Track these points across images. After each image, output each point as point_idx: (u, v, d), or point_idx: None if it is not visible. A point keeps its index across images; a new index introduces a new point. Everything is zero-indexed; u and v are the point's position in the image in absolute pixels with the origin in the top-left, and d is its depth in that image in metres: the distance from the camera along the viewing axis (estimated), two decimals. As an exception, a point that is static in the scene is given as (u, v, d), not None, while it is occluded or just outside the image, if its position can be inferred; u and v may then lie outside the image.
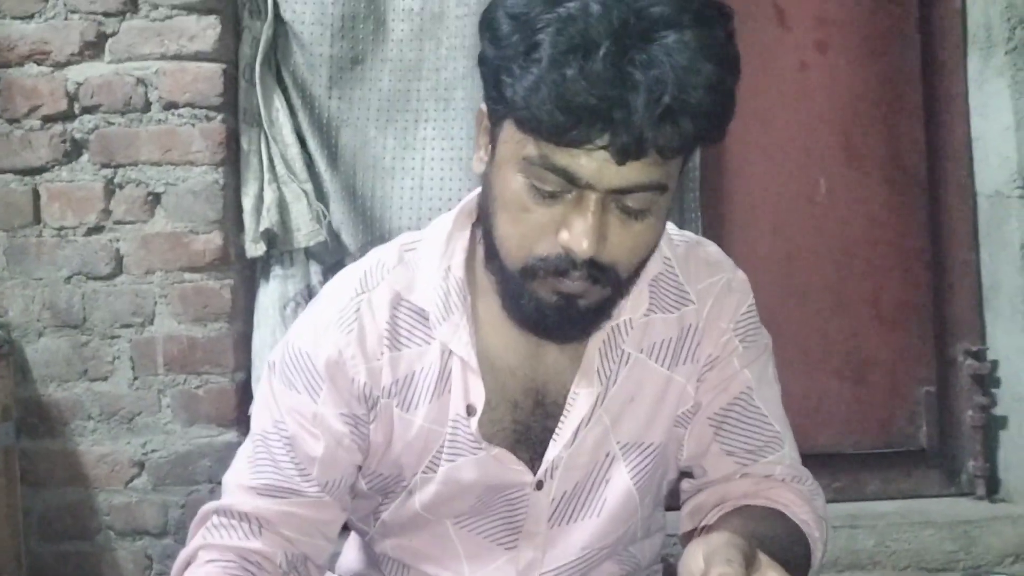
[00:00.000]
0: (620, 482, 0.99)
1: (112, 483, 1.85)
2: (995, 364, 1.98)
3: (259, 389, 0.99)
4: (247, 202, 1.83)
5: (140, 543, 1.86)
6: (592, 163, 0.78)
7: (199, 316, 1.83)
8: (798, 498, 0.96)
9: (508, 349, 0.95)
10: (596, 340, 0.95)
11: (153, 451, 1.85)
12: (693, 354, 0.99)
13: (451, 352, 0.94)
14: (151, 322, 1.83)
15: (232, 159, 1.85)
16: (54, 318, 1.83)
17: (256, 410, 0.98)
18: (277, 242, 1.82)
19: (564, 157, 0.78)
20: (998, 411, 1.98)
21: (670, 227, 1.01)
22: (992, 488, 1.97)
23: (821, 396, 2.01)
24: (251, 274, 1.90)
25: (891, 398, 2.01)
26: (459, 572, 1.01)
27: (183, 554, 0.93)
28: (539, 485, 0.97)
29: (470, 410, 0.94)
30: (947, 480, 2.02)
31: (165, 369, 1.84)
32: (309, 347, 0.95)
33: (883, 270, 2.02)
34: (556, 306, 0.85)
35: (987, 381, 1.98)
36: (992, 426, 1.98)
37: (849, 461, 2.01)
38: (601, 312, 0.89)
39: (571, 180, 0.79)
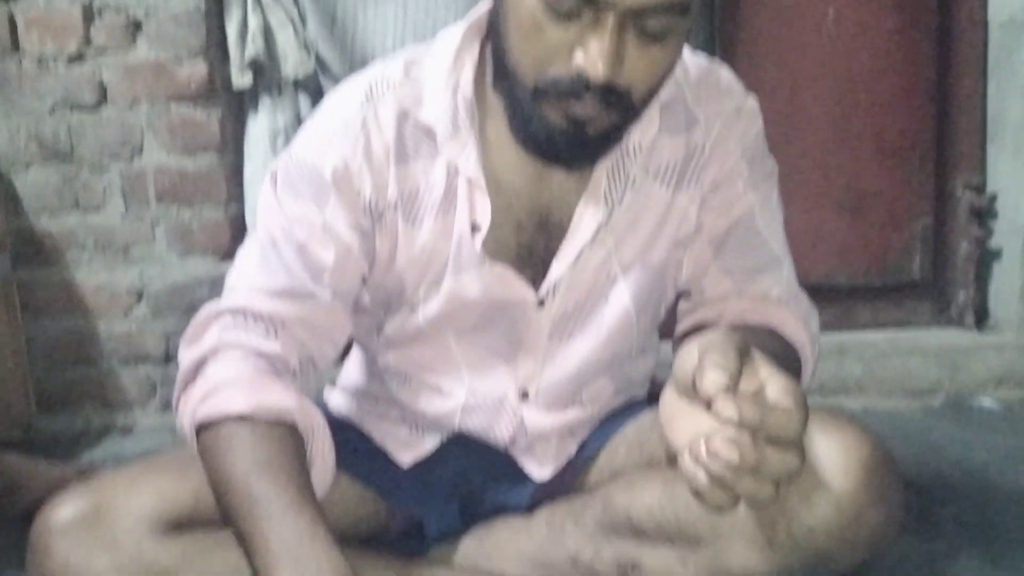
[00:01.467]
0: (619, 302, 1.00)
1: (111, 312, 1.88)
2: (994, 197, 1.96)
3: (262, 198, 0.97)
4: (231, 29, 1.76)
5: (143, 369, 1.90)
6: None
7: (188, 147, 1.79)
8: (792, 317, 0.97)
9: (514, 170, 0.94)
10: (604, 163, 0.94)
11: (150, 281, 1.86)
12: (698, 177, 0.98)
13: (457, 170, 0.93)
14: (140, 153, 1.80)
15: (214, -17, 1.77)
16: (41, 149, 1.80)
17: (261, 217, 0.96)
18: (264, 72, 1.77)
19: None
20: (993, 244, 1.97)
21: (684, 51, 0.97)
22: (981, 318, 1.99)
23: (818, 228, 2.00)
24: (240, 106, 1.85)
25: (888, 231, 2.01)
26: (459, 382, 1.04)
27: (194, 352, 0.92)
28: (541, 303, 0.98)
29: (475, 227, 0.93)
30: (938, 311, 2.04)
31: (157, 201, 1.82)
32: (315, 157, 0.93)
33: (887, 102, 1.96)
34: (565, 131, 0.83)
35: (985, 214, 1.97)
36: (986, 258, 1.98)
37: (842, 292, 2.02)
38: (610, 139, 0.87)
39: None
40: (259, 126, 1.80)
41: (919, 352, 1.90)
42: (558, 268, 0.96)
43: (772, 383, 0.65)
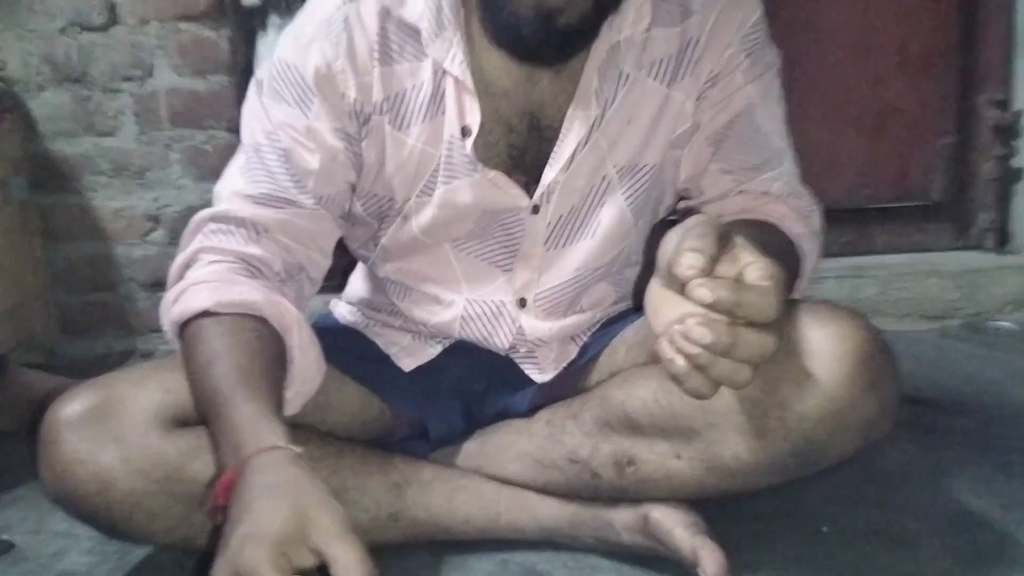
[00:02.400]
0: (615, 205, 0.99)
1: (129, 237, 1.89)
2: (1019, 114, 1.91)
3: (246, 105, 0.96)
4: (238, -55, 1.75)
5: (161, 294, 1.91)
6: None
7: (199, 68, 1.79)
8: (793, 212, 0.97)
9: (502, 71, 0.93)
10: (594, 61, 0.92)
11: (166, 206, 1.87)
12: (693, 69, 0.96)
13: (444, 71, 0.91)
14: (151, 75, 1.80)
15: None
16: (54, 72, 1.80)
17: (245, 124, 0.96)
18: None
19: None
20: (1016, 163, 1.93)
21: None
22: (1002, 241, 1.95)
23: (836, 148, 1.96)
24: (250, 25, 1.84)
25: (908, 150, 1.97)
26: (458, 292, 1.04)
27: (180, 258, 0.94)
28: (535, 209, 0.97)
29: (465, 131, 0.92)
30: (957, 234, 2.00)
31: (170, 124, 1.82)
32: (296, 59, 0.92)
33: (911, 14, 1.91)
34: (534, 21, 0.82)
35: (1009, 132, 1.92)
36: (1008, 178, 1.94)
37: (860, 215, 1.99)
38: (582, 33, 0.86)
39: None
40: (269, 46, 1.79)
41: (937, 274, 1.87)
42: (551, 172, 0.95)
43: (751, 267, 0.64)
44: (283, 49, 0.94)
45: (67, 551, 1.08)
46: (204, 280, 0.89)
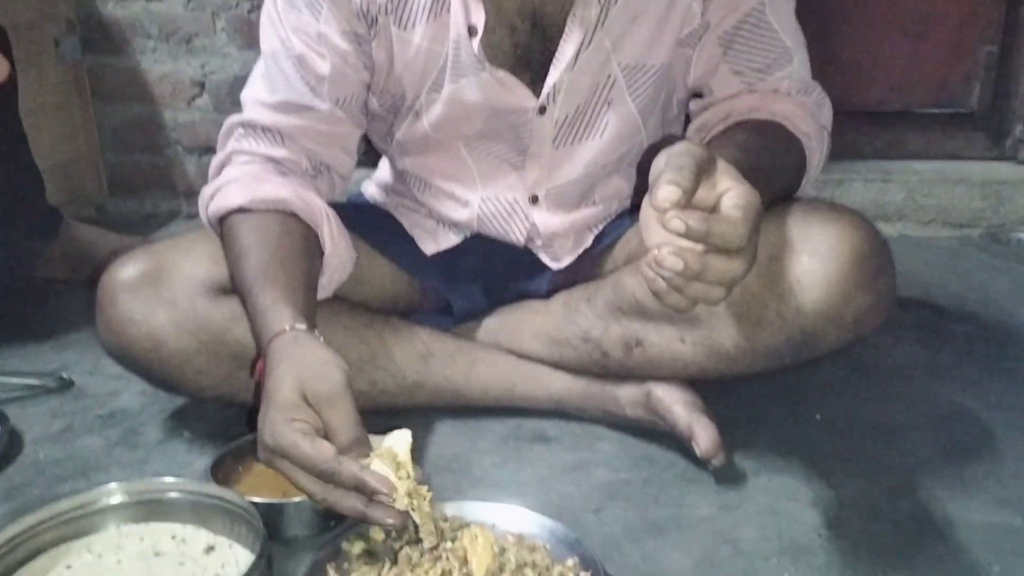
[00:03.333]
0: (622, 104, 1.01)
1: (176, 101, 1.95)
2: (1067, 26, 1.89)
3: (263, 12, 1.01)
4: None
5: (207, 159, 1.99)
6: None
7: (247, -64, 1.81)
8: (800, 110, 0.98)
9: None
10: None
11: (212, 72, 1.92)
12: None
13: None
14: (200, -59, 1.82)
15: None
16: (106, -67, 1.83)
17: (263, 32, 1.01)
18: None
19: None
20: (1059, 76, 1.92)
21: None
22: (1036, 154, 1.96)
23: (878, 50, 1.95)
24: None
25: (950, 57, 1.95)
26: (472, 187, 1.09)
27: (216, 159, 1.01)
28: (542, 110, 1.01)
29: (472, 30, 0.95)
30: (991, 144, 2.00)
31: (218, -9, 1.86)
32: None
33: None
34: None
35: (1054, 44, 1.90)
36: (1049, 91, 1.93)
37: (894, 119, 2.00)
38: None
39: None
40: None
41: (964, 182, 1.88)
42: (556, 71, 0.97)
43: (728, 194, 0.67)
44: None
45: (121, 391, 1.19)
46: (238, 179, 0.96)
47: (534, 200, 1.09)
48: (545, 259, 1.14)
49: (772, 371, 0.96)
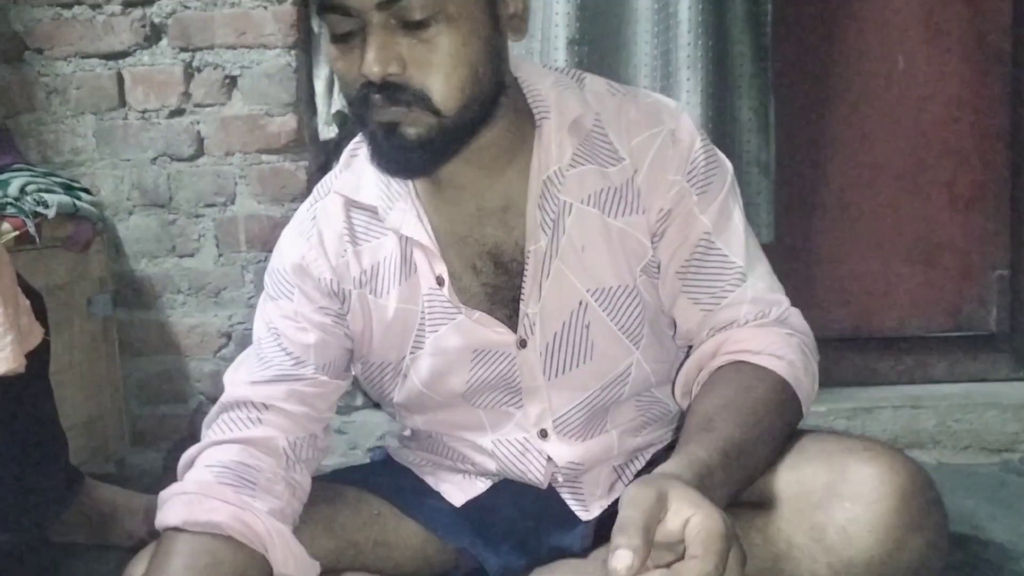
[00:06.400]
0: (601, 324, 1.02)
1: (202, 352, 1.98)
2: (1074, 248, 1.93)
3: (257, 310, 1.08)
4: (319, 85, 1.87)
5: (229, 408, 1.99)
6: None
7: (277, 196, 1.90)
8: (767, 337, 0.96)
9: (453, 220, 1.00)
10: (533, 196, 0.98)
11: (239, 323, 1.96)
12: (638, 206, 0.99)
13: (407, 237, 1.00)
14: (232, 202, 1.91)
15: (304, 42, 1.89)
16: (142, 197, 1.93)
17: (254, 326, 1.07)
18: (348, 123, 1.87)
19: None
20: (1074, 296, 1.94)
21: (606, 82, 1.03)
22: (1062, 373, 1.95)
23: (890, 278, 1.99)
24: (325, 155, 1.96)
25: (962, 281, 1.99)
26: (483, 433, 1.09)
27: (188, 454, 1.01)
28: (523, 343, 1.02)
29: (440, 280, 1.00)
30: (1015, 364, 2.00)
31: (247, 247, 1.93)
32: (280, 262, 1.05)
33: (960, 150, 1.96)
34: (385, 136, 0.90)
35: (1064, 265, 1.93)
36: (1066, 311, 1.94)
37: (915, 344, 2.00)
38: (437, 143, 0.90)
39: (345, 12, 0.86)
40: (342, 176, 1.89)
41: (996, 406, 1.85)
42: (526, 306, 1.00)
43: (690, 525, 0.67)
44: (274, 258, 1.07)
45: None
46: (184, 492, 0.95)
47: (543, 435, 1.07)
48: (574, 506, 1.10)
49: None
